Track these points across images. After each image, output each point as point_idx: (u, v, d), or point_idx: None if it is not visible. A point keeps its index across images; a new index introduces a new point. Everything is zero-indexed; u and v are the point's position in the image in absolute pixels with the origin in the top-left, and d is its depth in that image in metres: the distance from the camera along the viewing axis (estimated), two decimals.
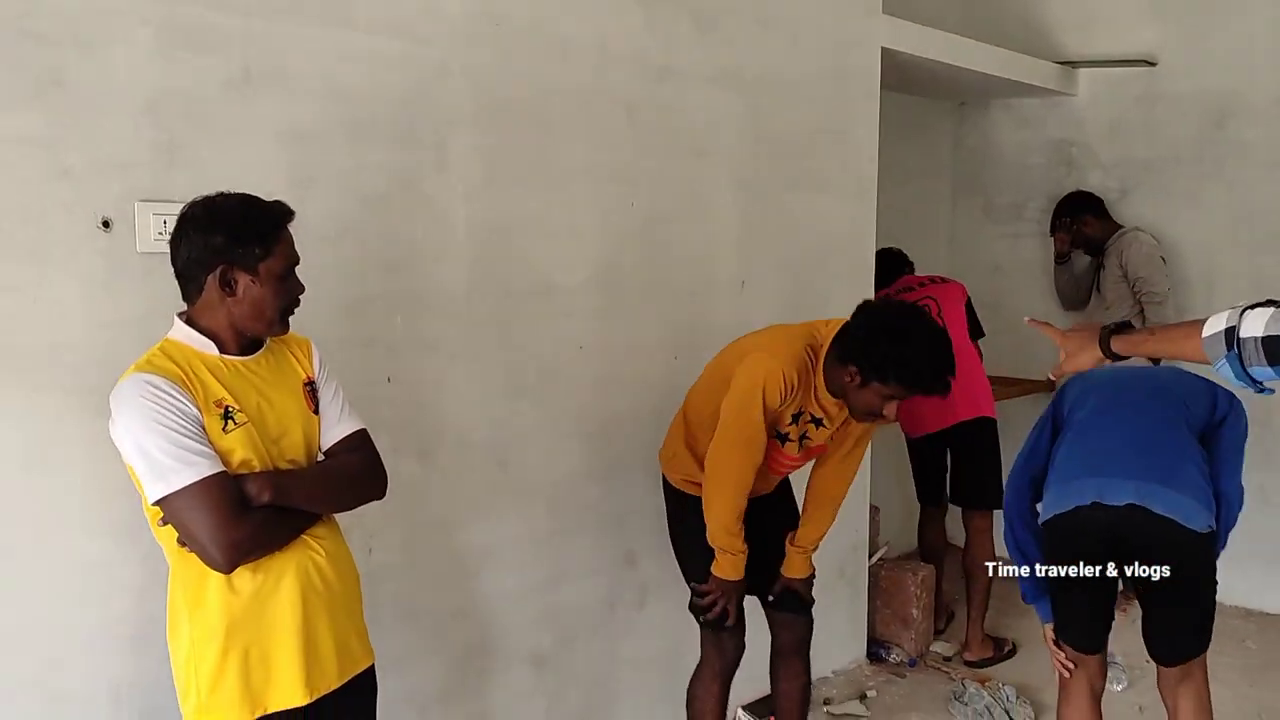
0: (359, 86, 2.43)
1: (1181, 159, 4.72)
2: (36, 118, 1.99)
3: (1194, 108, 4.65)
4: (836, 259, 3.79)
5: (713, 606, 2.71)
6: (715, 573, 2.68)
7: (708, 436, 2.67)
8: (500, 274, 2.75)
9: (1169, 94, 4.73)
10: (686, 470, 2.79)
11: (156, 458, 1.75)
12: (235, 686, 1.86)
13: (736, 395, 2.55)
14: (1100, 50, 4.94)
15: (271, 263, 1.88)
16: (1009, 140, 5.28)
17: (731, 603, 2.71)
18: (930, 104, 5.30)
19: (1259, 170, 4.54)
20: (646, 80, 3.06)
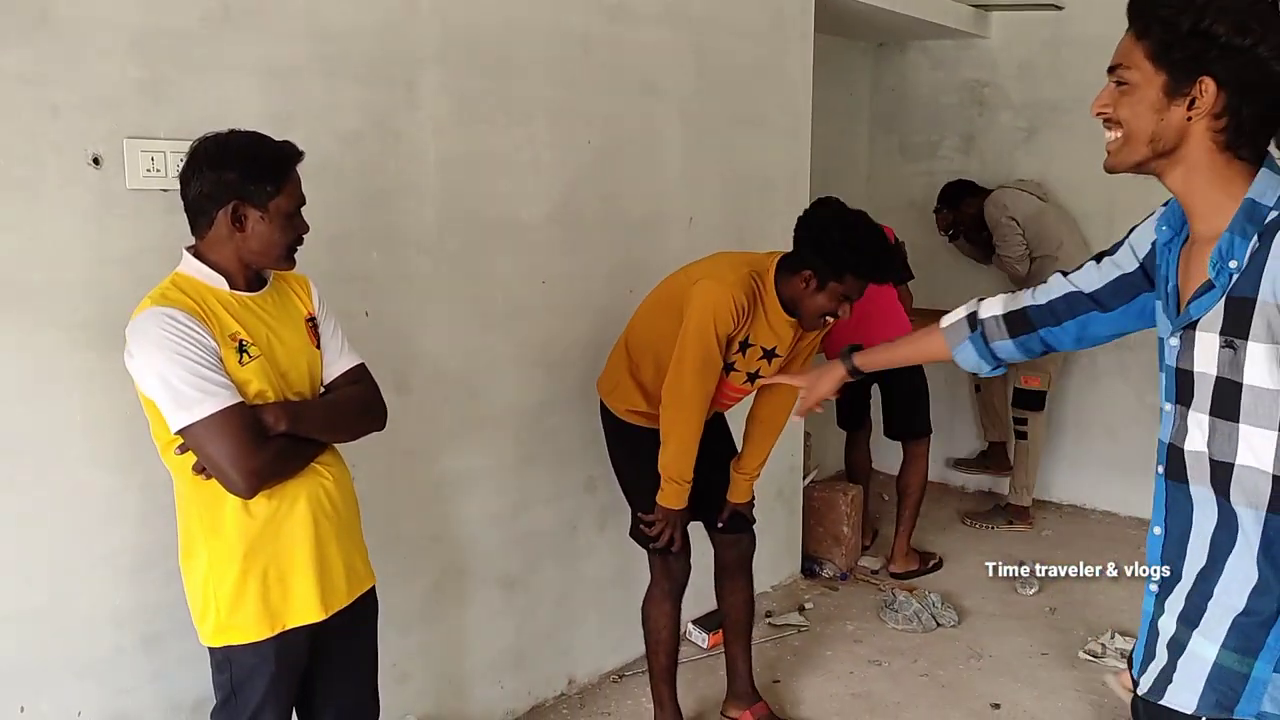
0: (333, 23, 2.46)
1: (1086, 100, 4.76)
2: (25, 54, 1.99)
3: (1098, 51, 4.79)
4: (775, 194, 3.94)
5: (659, 535, 2.84)
6: (661, 502, 2.78)
7: (650, 364, 2.78)
8: (469, 210, 2.83)
9: (1075, 37, 4.97)
10: (630, 400, 2.88)
11: (179, 388, 1.81)
12: (255, 605, 1.95)
13: (691, 323, 2.63)
14: None
15: (281, 200, 1.93)
16: (924, 80, 5.49)
17: (677, 530, 2.83)
18: (849, 45, 5.46)
19: None
20: (601, 18, 3.13)
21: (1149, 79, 1.38)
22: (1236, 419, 1.38)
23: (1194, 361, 1.42)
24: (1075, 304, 1.72)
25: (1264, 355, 1.33)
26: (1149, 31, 1.38)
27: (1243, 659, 1.41)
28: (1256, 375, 1.35)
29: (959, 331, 1.87)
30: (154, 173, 2.16)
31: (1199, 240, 1.46)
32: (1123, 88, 1.42)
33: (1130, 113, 1.41)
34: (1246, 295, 1.34)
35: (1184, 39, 1.35)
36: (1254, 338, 1.34)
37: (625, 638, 3.53)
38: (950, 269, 5.40)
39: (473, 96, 2.79)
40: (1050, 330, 1.76)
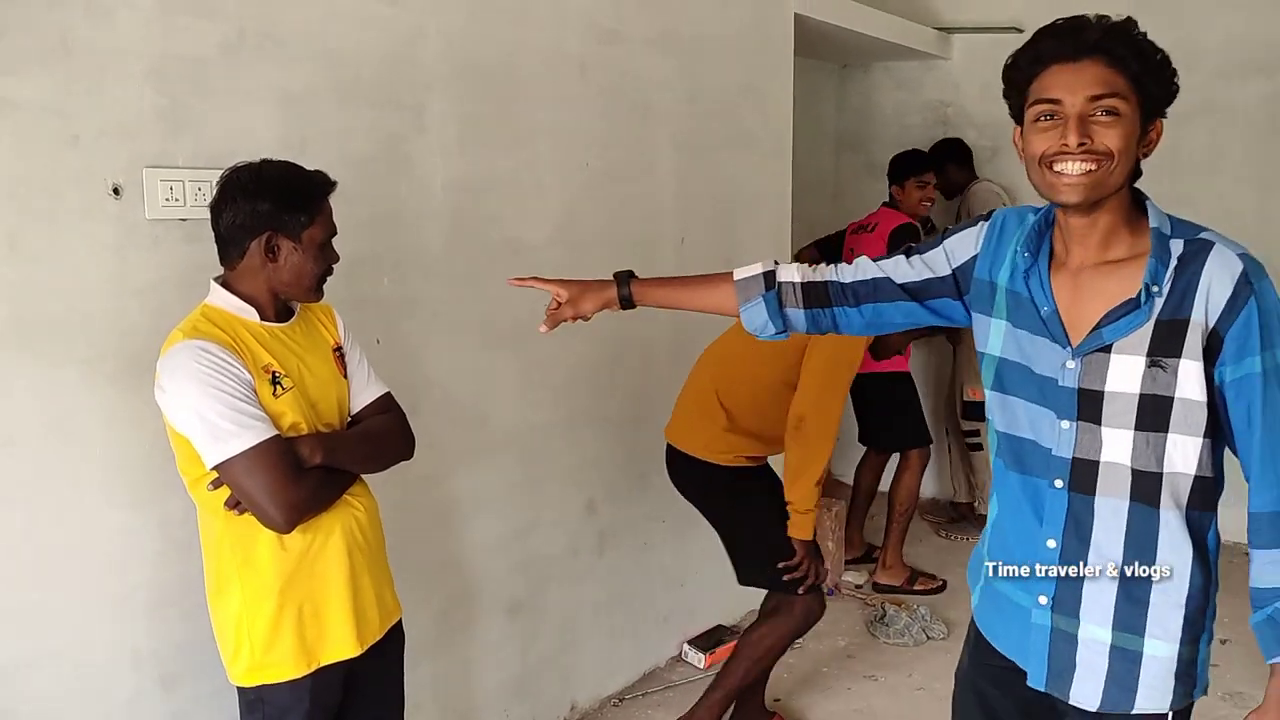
0: (345, 49, 2.44)
1: None
2: (46, 84, 1.93)
3: None
4: (760, 213, 3.98)
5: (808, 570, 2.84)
6: (799, 535, 2.79)
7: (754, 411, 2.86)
8: (475, 232, 2.81)
9: None
10: (741, 447, 2.91)
11: (215, 422, 1.77)
12: (291, 642, 1.91)
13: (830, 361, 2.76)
14: (972, 18, 5.27)
15: (314, 230, 1.91)
16: (889, 101, 5.58)
17: (819, 561, 2.87)
18: (815, 66, 5.54)
19: None
20: (598, 42, 3.14)
21: (1132, 115, 1.45)
22: (1166, 430, 1.47)
23: (1105, 381, 1.49)
24: (883, 289, 1.76)
25: (1195, 371, 1.43)
26: (1126, 62, 1.44)
27: (1193, 648, 1.55)
28: (1189, 390, 1.45)
29: (753, 287, 1.83)
30: (173, 202, 2.11)
31: (1081, 268, 1.53)
32: (1112, 117, 1.45)
33: (1122, 143, 1.45)
34: (1179, 317, 1.44)
35: (1157, 73, 1.46)
36: (1187, 355, 1.43)
37: (625, 661, 3.52)
38: None
39: (477, 120, 2.78)
40: (844, 310, 1.79)
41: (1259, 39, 4.66)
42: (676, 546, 3.69)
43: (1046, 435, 1.57)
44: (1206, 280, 1.43)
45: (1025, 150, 1.53)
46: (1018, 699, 1.67)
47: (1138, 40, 1.46)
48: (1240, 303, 1.41)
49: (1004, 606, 1.68)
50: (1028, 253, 1.58)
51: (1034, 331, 1.58)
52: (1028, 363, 1.59)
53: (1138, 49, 1.45)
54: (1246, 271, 1.43)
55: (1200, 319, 1.43)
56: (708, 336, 3.66)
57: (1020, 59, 1.53)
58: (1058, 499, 1.57)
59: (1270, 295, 1.43)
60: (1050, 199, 1.51)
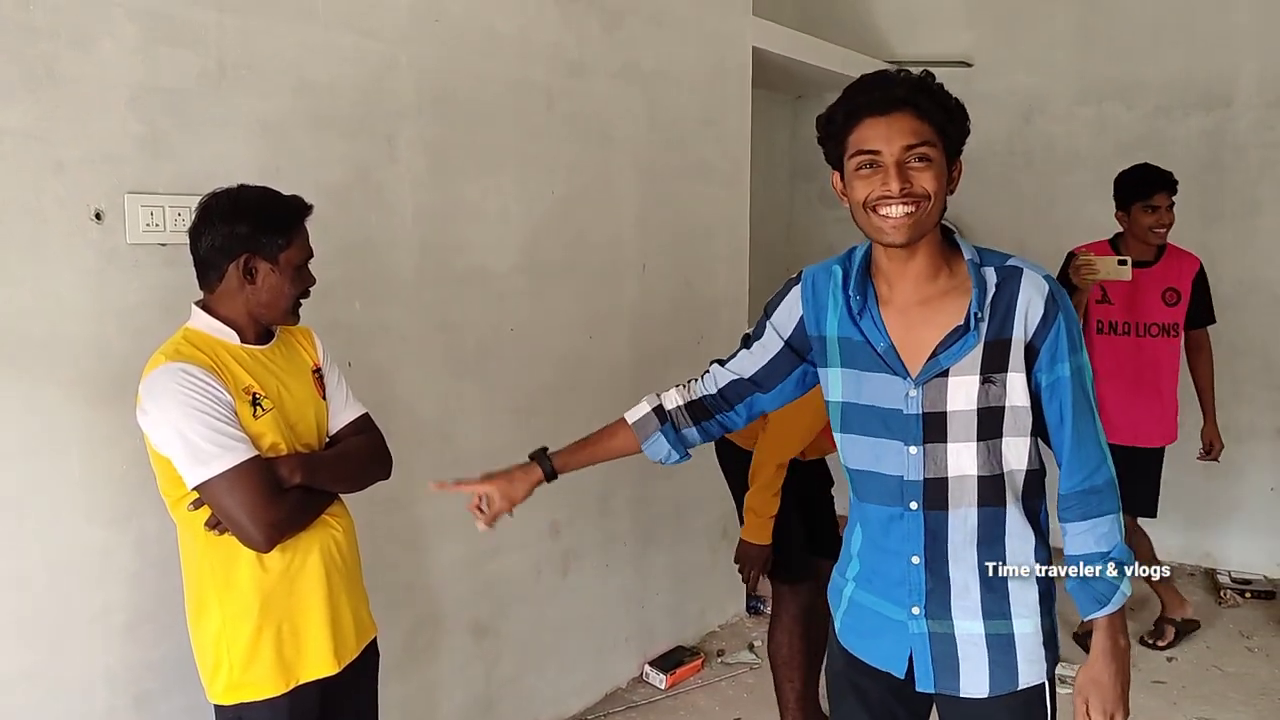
0: (319, 80, 2.50)
1: (996, 151, 5.29)
2: (31, 110, 1.98)
3: (1005, 105, 5.22)
4: (717, 241, 4.08)
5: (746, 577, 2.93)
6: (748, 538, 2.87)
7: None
8: (443, 260, 2.87)
9: (984, 92, 5.26)
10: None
11: (197, 443, 1.81)
12: (270, 660, 1.95)
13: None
14: (923, 51, 5.44)
15: (291, 253, 1.97)
16: None
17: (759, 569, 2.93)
18: (769, 97, 5.66)
19: (1061, 161, 5.16)
20: (562, 73, 3.22)
21: (940, 156, 1.59)
22: (1000, 435, 1.65)
23: (946, 403, 1.64)
24: (739, 389, 1.89)
25: (1020, 381, 1.62)
26: (930, 113, 1.58)
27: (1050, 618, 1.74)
28: (1016, 397, 1.63)
29: (648, 424, 1.92)
30: (153, 227, 2.16)
31: (907, 304, 1.67)
32: (927, 164, 1.58)
33: (936, 186, 1.58)
34: (1003, 337, 1.61)
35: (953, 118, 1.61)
36: (1012, 368, 1.62)
37: (587, 682, 3.57)
38: None
39: (446, 149, 2.84)
40: (725, 415, 1.91)
41: (1198, 77, 4.86)
42: (637, 568, 3.75)
43: (895, 464, 1.70)
44: (1024, 302, 1.61)
45: (849, 196, 1.64)
46: (889, 685, 1.80)
47: (939, 92, 1.60)
48: (1051, 318, 1.61)
49: (872, 623, 1.80)
50: (859, 295, 1.70)
51: (872, 369, 1.70)
52: (868, 401, 1.71)
53: (939, 100, 1.60)
54: (1052, 292, 1.62)
55: (1020, 335, 1.61)
56: (671, 361, 3.75)
57: (835, 113, 1.67)
58: (914, 520, 1.70)
59: (1070, 309, 1.64)
60: (877, 240, 1.64)
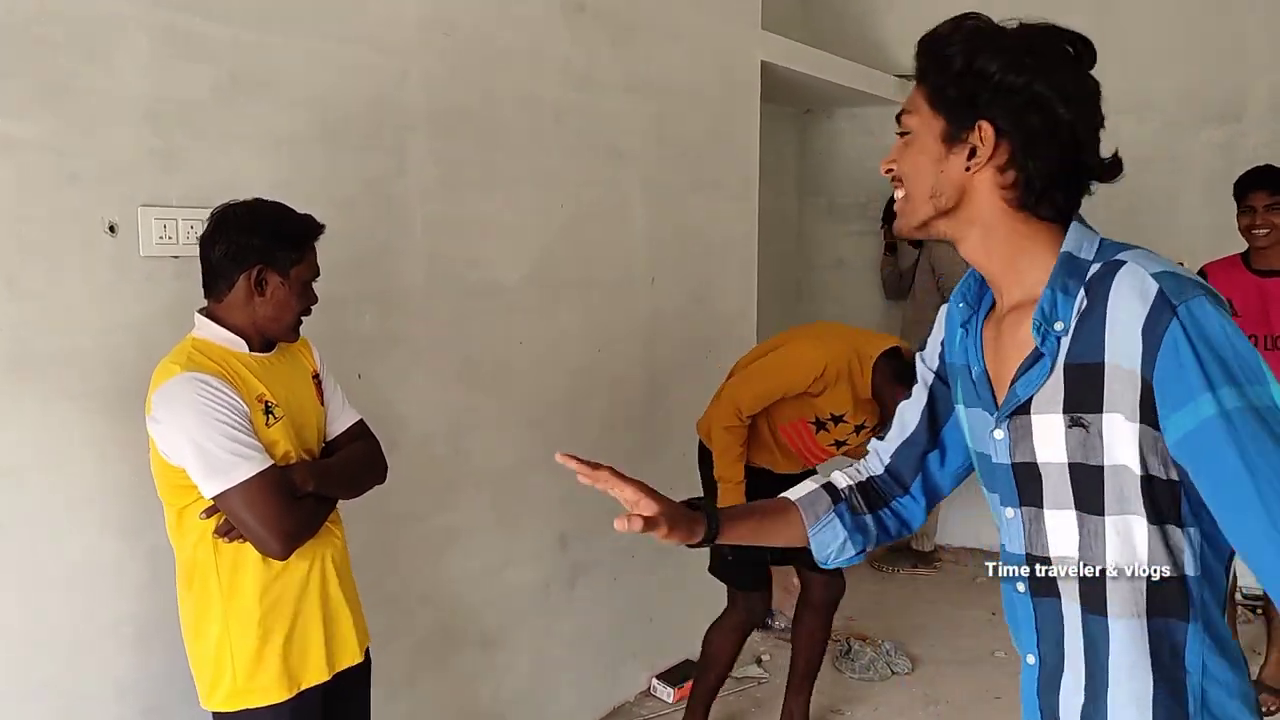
0: (331, 94, 2.51)
1: None
2: (46, 123, 1.99)
3: None
4: (728, 255, 4.09)
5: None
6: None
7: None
8: (453, 273, 2.88)
9: None
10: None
11: (214, 454, 1.82)
12: (275, 666, 1.96)
13: (775, 358, 2.92)
14: None
15: (301, 269, 1.98)
16: (850, 145, 5.74)
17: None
18: (778, 111, 5.67)
19: None
20: (572, 88, 3.24)
21: (928, 125, 1.24)
22: (1101, 510, 1.16)
23: (1035, 451, 1.21)
24: (905, 456, 1.50)
25: (1128, 431, 1.12)
26: (926, 74, 1.25)
27: None
28: (1120, 453, 1.14)
29: (817, 503, 1.49)
30: (166, 240, 2.17)
31: (1007, 313, 1.28)
32: (905, 138, 1.27)
33: (910, 165, 1.26)
34: (1089, 362, 1.14)
35: (957, 78, 1.20)
36: (1109, 408, 1.13)
37: (595, 696, 3.57)
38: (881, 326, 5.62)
39: (456, 163, 2.86)
40: (900, 500, 1.51)
41: (1210, 90, 4.86)
42: (645, 581, 3.74)
43: (1003, 530, 1.32)
44: (1113, 309, 1.12)
45: None
46: None
47: (938, 48, 1.23)
48: (1160, 332, 1.08)
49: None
50: (963, 302, 1.35)
51: (972, 402, 1.33)
52: (975, 445, 1.35)
53: (936, 58, 1.23)
54: (1164, 291, 1.09)
55: (1116, 361, 1.12)
56: (680, 375, 3.75)
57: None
58: (1024, 606, 1.30)
59: (1207, 317, 1.08)
60: None
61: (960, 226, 1.26)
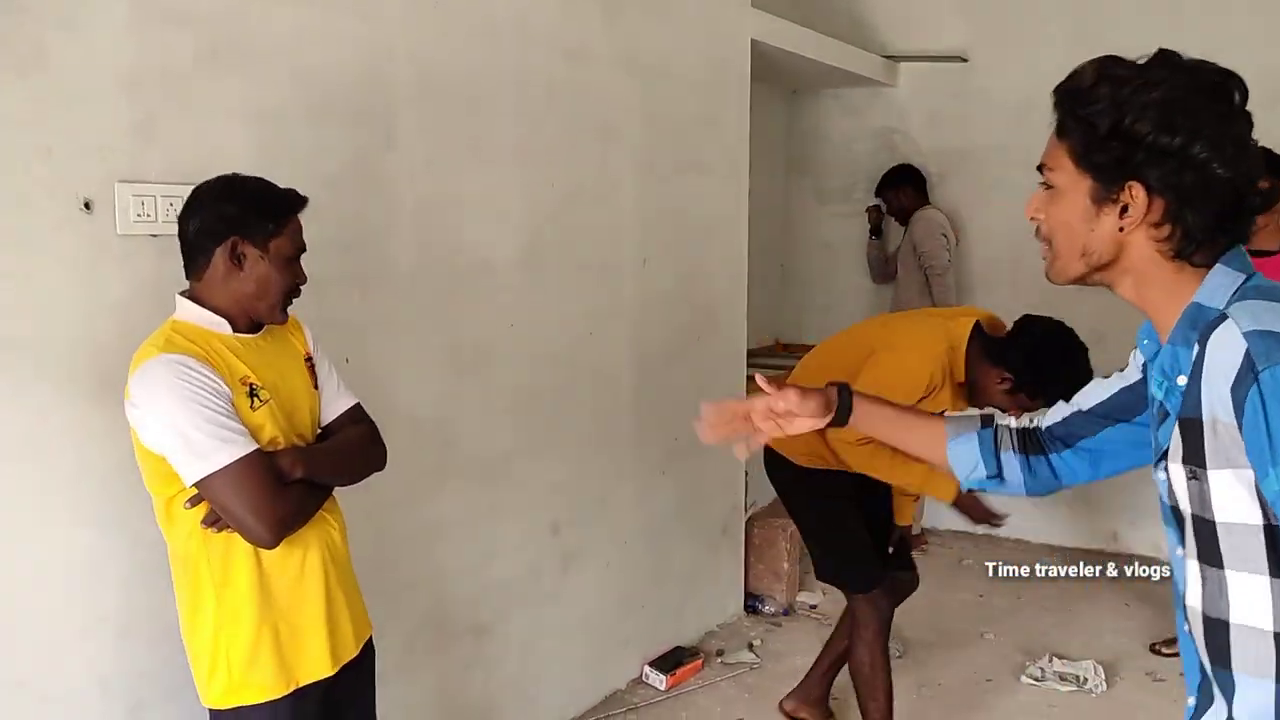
0: (315, 64, 2.42)
1: (991, 148, 5.21)
2: (17, 94, 1.89)
3: (1001, 101, 5.15)
4: (716, 237, 4.02)
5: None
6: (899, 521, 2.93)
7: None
8: (442, 253, 2.80)
9: (980, 88, 5.23)
10: (812, 447, 2.88)
11: (195, 438, 1.74)
12: (270, 661, 1.88)
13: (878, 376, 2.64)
14: (918, 46, 5.39)
15: (280, 242, 1.89)
16: (837, 127, 5.67)
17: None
18: (764, 91, 5.60)
19: None
20: (562, 62, 3.15)
21: (1075, 184, 1.21)
22: (1221, 565, 1.16)
23: (1175, 497, 1.21)
24: (1074, 425, 1.51)
25: (1228, 483, 1.13)
26: (1069, 131, 1.21)
27: None
28: (1227, 509, 1.14)
29: (966, 424, 1.58)
30: (144, 217, 2.07)
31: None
32: (1050, 191, 1.25)
33: (1058, 222, 1.24)
34: (1193, 416, 1.15)
35: (1105, 141, 1.17)
36: (1213, 464, 1.13)
37: (587, 684, 3.51)
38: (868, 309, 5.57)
39: (445, 139, 2.77)
40: (1058, 454, 1.53)
41: None
42: (638, 567, 3.69)
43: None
44: (1210, 367, 1.12)
45: None
46: None
47: (1082, 96, 1.19)
48: (1241, 396, 1.08)
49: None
50: (1146, 339, 1.32)
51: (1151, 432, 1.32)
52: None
53: (1079, 118, 1.19)
54: (1250, 353, 1.07)
55: (1215, 415, 1.12)
56: (670, 359, 3.68)
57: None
58: (1186, 645, 1.27)
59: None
60: None
61: (1115, 276, 1.25)
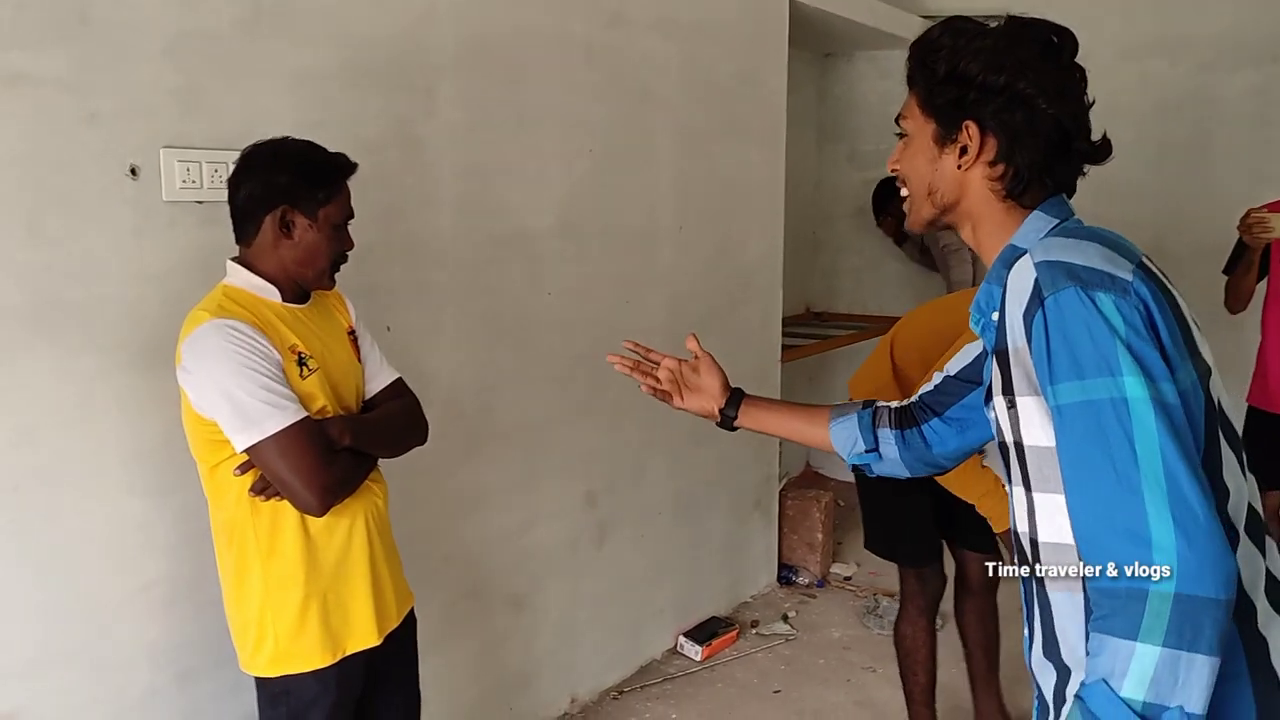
0: (357, 29, 2.37)
1: None
2: (64, 59, 1.86)
3: None
4: (754, 203, 3.96)
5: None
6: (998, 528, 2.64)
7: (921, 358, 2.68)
8: (481, 220, 2.76)
9: None
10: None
11: (247, 403, 1.72)
12: (317, 630, 1.87)
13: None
14: (958, 5, 5.27)
15: (330, 209, 1.87)
16: (872, 90, 5.58)
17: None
18: (796, 54, 5.49)
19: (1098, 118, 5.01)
20: (601, 25, 3.09)
21: (921, 129, 1.32)
22: (1030, 488, 1.22)
23: (1001, 431, 1.28)
24: (946, 390, 1.60)
25: (1032, 409, 1.19)
26: (915, 79, 1.33)
27: None
28: (1032, 433, 1.20)
29: (848, 408, 1.71)
30: (190, 184, 2.05)
31: None
32: (904, 139, 1.36)
33: (909, 166, 1.35)
34: (1001, 347, 1.22)
35: (943, 83, 1.28)
36: (1019, 391, 1.20)
37: (623, 654, 3.50)
38: (900, 277, 5.51)
39: (486, 104, 2.72)
40: (929, 425, 1.62)
41: (1247, 32, 4.69)
42: (672, 538, 3.67)
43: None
44: (1009, 298, 1.20)
45: None
46: None
47: (921, 47, 1.32)
48: (1029, 322, 1.15)
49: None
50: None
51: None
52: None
53: (923, 65, 1.31)
54: (1039, 282, 1.15)
55: (1014, 346, 1.19)
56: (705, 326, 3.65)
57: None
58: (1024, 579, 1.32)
59: (1068, 310, 1.12)
60: None
61: (960, 218, 1.35)
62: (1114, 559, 1.07)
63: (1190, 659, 1.03)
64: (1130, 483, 1.06)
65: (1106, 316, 1.11)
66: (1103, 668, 1.07)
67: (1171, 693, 1.03)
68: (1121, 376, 1.09)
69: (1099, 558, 1.09)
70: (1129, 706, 1.04)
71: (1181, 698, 1.03)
